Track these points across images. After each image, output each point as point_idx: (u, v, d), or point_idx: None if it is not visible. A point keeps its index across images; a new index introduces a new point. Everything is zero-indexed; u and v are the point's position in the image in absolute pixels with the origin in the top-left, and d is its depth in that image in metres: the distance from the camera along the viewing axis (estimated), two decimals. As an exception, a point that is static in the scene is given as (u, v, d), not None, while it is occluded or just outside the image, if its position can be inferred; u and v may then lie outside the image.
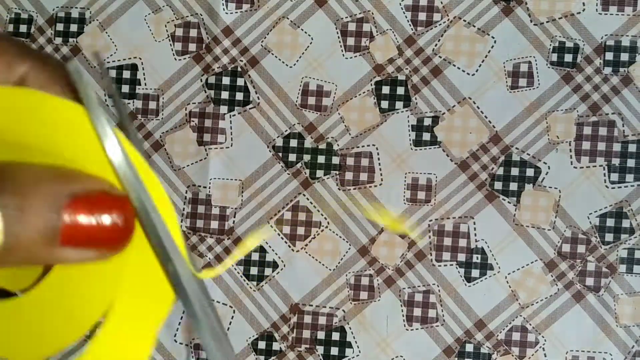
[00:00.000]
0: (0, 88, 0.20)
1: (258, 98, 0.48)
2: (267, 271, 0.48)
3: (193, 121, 0.48)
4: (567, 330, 0.47)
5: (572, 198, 0.47)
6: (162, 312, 0.21)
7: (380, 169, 0.48)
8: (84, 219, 0.19)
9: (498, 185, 0.47)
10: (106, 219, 0.19)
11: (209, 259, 0.48)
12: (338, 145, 0.48)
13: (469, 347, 0.47)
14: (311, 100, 0.48)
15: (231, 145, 0.48)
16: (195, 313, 0.21)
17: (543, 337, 0.47)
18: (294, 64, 0.48)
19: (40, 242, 0.19)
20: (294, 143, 0.48)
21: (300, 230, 0.48)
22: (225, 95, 0.48)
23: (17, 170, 0.19)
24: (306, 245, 0.48)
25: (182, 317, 0.49)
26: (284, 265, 0.48)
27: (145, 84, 0.49)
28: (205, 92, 0.48)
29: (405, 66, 0.48)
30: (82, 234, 0.19)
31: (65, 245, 0.19)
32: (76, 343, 0.21)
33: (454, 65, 0.47)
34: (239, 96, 0.48)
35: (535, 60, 0.47)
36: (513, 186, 0.47)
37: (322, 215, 0.48)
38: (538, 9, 0.47)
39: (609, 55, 0.47)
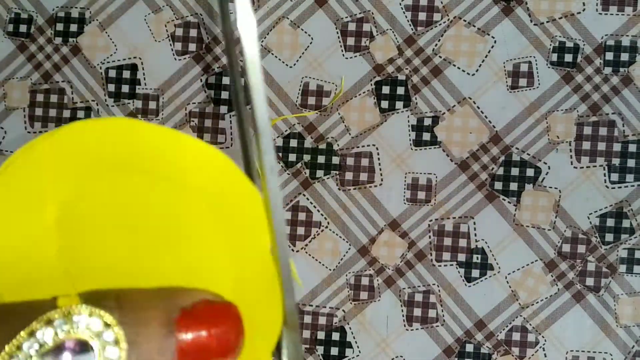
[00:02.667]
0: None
1: (258, 98, 0.48)
2: (267, 271, 0.48)
3: (193, 121, 0.48)
4: (567, 330, 0.46)
5: (572, 198, 0.47)
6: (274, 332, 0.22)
7: (380, 169, 0.47)
8: (195, 331, 0.19)
9: (498, 185, 0.47)
10: (218, 328, 0.20)
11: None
12: (338, 145, 0.48)
13: (469, 347, 0.47)
14: (311, 100, 0.48)
15: (231, 145, 0.48)
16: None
17: (543, 337, 0.47)
18: (294, 64, 0.48)
19: None
20: (294, 143, 0.48)
21: (300, 230, 0.48)
22: (225, 95, 0.48)
23: (129, 293, 0.19)
24: (306, 245, 0.48)
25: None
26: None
27: (145, 84, 0.49)
28: (205, 92, 0.48)
29: (405, 66, 0.48)
30: (196, 347, 0.19)
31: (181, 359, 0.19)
32: None
33: (454, 65, 0.47)
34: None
35: (536, 60, 0.47)
36: (513, 186, 0.47)
37: (322, 215, 0.48)
38: (538, 8, 0.47)
39: (609, 55, 0.47)
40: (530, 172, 0.47)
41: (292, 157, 0.48)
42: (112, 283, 0.20)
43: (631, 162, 0.46)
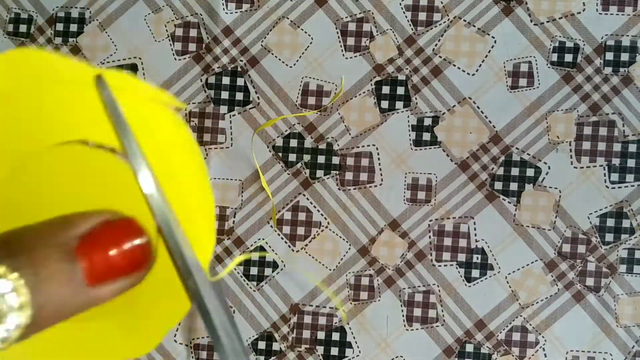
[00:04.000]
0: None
1: (258, 98, 0.48)
2: (267, 271, 0.48)
3: (193, 121, 0.48)
4: (567, 330, 0.46)
5: (572, 198, 0.47)
6: (172, 322, 0.22)
7: (380, 169, 0.47)
8: (99, 254, 0.19)
9: (498, 185, 0.47)
10: (121, 246, 0.20)
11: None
12: (338, 145, 0.48)
13: (469, 347, 0.47)
14: (311, 100, 0.48)
15: (231, 145, 0.48)
16: (216, 329, 0.21)
17: (543, 337, 0.47)
18: (294, 64, 0.48)
19: (70, 295, 0.19)
20: (294, 143, 0.48)
21: (300, 231, 0.48)
22: (225, 95, 0.48)
23: (19, 236, 0.19)
24: (306, 245, 0.48)
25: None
26: (284, 265, 0.48)
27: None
28: (205, 92, 0.48)
29: (405, 66, 0.48)
30: (103, 268, 0.19)
31: (93, 285, 0.19)
32: None
33: (454, 65, 0.47)
34: (239, 96, 0.48)
35: (536, 60, 0.47)
36: (513, 186, 0.47)
37: (322, 215, 0.48)
38: (538, 8, 0.47)
39: (609, 55, 0.47)
40: (530, 172, 0.47)
41: (292, 157, 0.48)
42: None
43: (631, 162, 0.46)
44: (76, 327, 0.21)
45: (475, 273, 0.47)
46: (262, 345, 0.48)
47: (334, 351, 0.47)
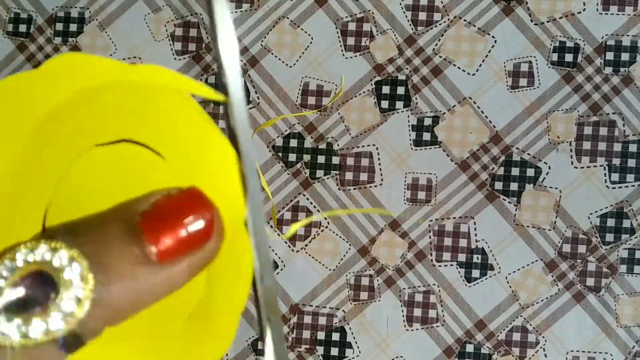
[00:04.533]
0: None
1: (258, 98, 0.48)
2: (267, 271, 0.48)
3: (193, 121, 0.48)
4: (567, 330, 0.46)
5: (572, 198, 0.47)
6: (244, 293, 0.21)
7: (380, 169, 0.47)
8: (164, 227, 0.19)
9: (498, 185, 0.47)
10: (186, 216, 0.19)
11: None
12: (338, 145, 0.48)
13: (470, 348, 0.47)
14: (311, 100, 0.48)
15: (231, 145, 0.48)
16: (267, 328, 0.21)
17: (543, 337, 0.46)
18: (294, 64, 0.48)
19: (142, 273, 0.18)
20: (294, 143, 0.48)
21: (300, 231, 0.48)
22: (225, 95, 0.48)
23: (83, 219, 0.19)
24: (306, 245, 0.48)
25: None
26: (284, 266, 0.48)
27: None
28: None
29: (405, 66, 0.47)
30: (172, 242, 0.19)
31: (164, 260, 0.18)
32: None
33: (454, 65, 0.47)
34: (239, 96, 0.48)
35: (536, 60, 0.47)
36: (513, 186, 0.47)
37: (322, 215, 0.48)
38: (538, 8, 0.47)
39: (610, 55, 0.47)
40: (530, 172, 0.47)
41: (292, 157, 0.48)
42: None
43: (631, 162, 0.46)
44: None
45: (475, 273, 0.47)
46: (262, 345, 0.48)
47: (334, 351, 0.47)
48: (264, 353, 0.22)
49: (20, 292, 0.17)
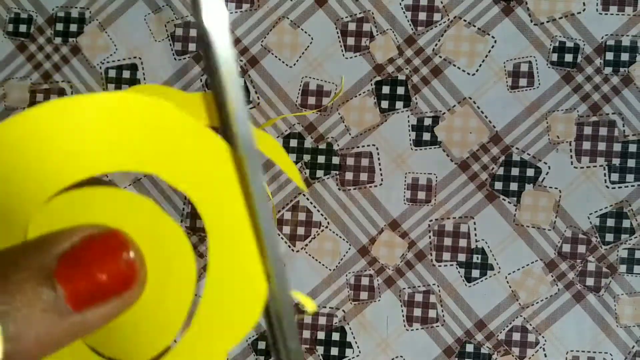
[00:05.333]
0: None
1: (258, 98, 0.48)
2: (267, 271, 0.48)
3: (193, 121, 0.48)
4: (567, 330, 0.46)
5: (572, 198, 0.47)
6: (241, 333, 0.20)
7: (380, 169, 0.47)
8: (81, 274, 0.17)
9: (498, 185, 0.47)
10: (106, 263, 0.18)
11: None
12: (338, 145, 0.48)
13: (469, 348, 0.47)
14: (311, 100, 0.48)
15: (231, 145, 0.48)
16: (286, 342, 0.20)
17: (543, 337, 0.46)
18: (294, 64, 0.48)
19: (53, 323, 0.17)
20: (294, 143, 0.48)
21: (300, 231, 0.48)
22: (225, 95, 0.48)
23: None
24: (306, 245, 0.48)
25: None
26: (284, 266, 0.48)
27: (145, 84, 0.49)
28: (206, 92, 0.48)
29: (405, 66, 0.47)
30: (89, 290, 0.17)
31: (79, 310, 0.17)
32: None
33: (454, 65, 0.47)
34: (239, 96, 0.48)
35: (536, 60, 0.47)
36: (513, 186, 0.47)
37: (322, 215, 0.48)
38: (538, 8, 0.47)
39: (609, 55, 0.47)
40: (530, 172, 0.47)
41: (292, 157, 0.48)
42: None
43: (631, 162, 0.46)
44: None
45: (475, 273, 0.47)
46: (262, 345, 0.48)
47: (334, 351, 0.47)
48: (264, 353, 0.21)
49: None
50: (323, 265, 0.48)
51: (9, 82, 0.49)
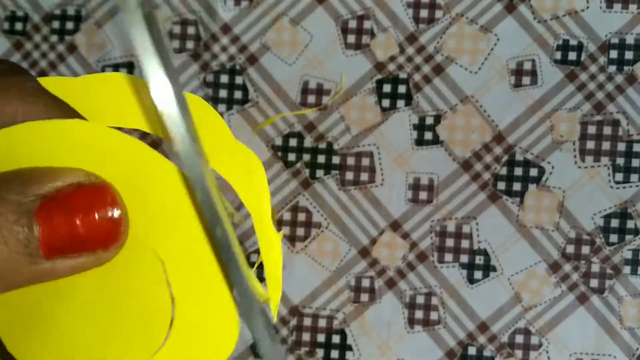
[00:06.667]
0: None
1: (257, 97, 0.48)
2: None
3: (191, 120, 0.48)
4: (571, 332, 0.46)
5: (576, 198, 0.46)
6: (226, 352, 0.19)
7: (381, 169, 0.47)
8: (62, 221, 0.17)
9: (501, 185, 0.47)
10: (90, 215, 0.17)
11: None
12: (338, 144, 0.47)
13: (472, 350, 0.46)
14: (311, 99, 0.48)
15: (230, 145, 0.48)
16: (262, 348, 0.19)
17: (547, 339, 0.46)
18: (294, 62, 0.48)
19: (19, 262, 0.16)
20: (293, 142, 0.48)
21: (300, 231, 0.47)
22: (223, 93, 0.48)
23: None
24: (306, 246, 0.47)
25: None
26: (283, 267, 0.47)
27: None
28: (203, 90, 0.48)
29: (406, 64, 0.47)
30: (65, 239, 0.17)
31: (50, 256, 0.17)
32: None
33: (456, 63, 0.47)
34: (238, 95, 0.48)
35: (539, 58, 0.47)
36: (516, 186, 0.47)
37: (322, 215, 0.47)
38: (541, 6, 0.47)
39: (614, 54, 0.46)
40: (533, 171, 0.46)
41: (291, 156, 0.48)
42: None
43: (636, 162, 0.46)
44: None
45: (477, 274, 0.47)
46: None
47: (334, 354, 0.47)
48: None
49: None
50: (323, 266, 0.47)
51: (4, 80, 0.49)
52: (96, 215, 0.17)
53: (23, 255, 0.16)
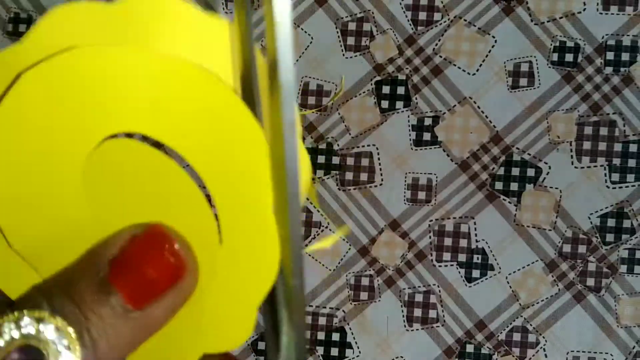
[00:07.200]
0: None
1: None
2: (267, 271, 0.48)
3: (192, 121, 0.48)
4: (567, 330, 0.46)
5: (572, 198, 0.47)
6: (264, 288, 0.20)
7: (380, 169, 0.47)
8: (133, 275, 0.18)
9: (499, 185, 0.47)
10: (154, 259, 0.19)
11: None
12: (338, 145, 0.48)
13: (470, 348, 0.47)
14: (311, 100, 0.48)
15: (231, 145, 0.48)
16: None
17: (544, 337, 0.46)
18: (294, 64, 0.48)
19: (120, 325, 0.18)
20: (293, 143, 0.48)
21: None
22: (224, 95, 0.48)
23: (56, 278, 0.18)
24: (306, 245, 0.47)
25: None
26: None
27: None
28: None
29: (405, 66, 0.47)
30: (144, 287, 0.18)
31: (140, 308, 0.18)
32: None
33: (455, 65, 0.47)
34: (239, 96, 0.48)
35: (536, 60, 0.47)
36: (514, 186, 0.47)
37: (322, 215, 0.48)
38: (539, 8, 0.47)
39: (610, 55, 0.47)
40: (530, 172, 0.47)
41: (292, 157, 0.48)
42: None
43: (632, 162, 0.46)
44: None
45: (475, 273, 0.47)
46: (262, 345, 0.48)
47: (334, 352, 0.47)
48: (264, 353, 0.21)
49: None
50: (323, 265, 0.47)
51: (8, 82, 0.49)
52: (159, 256, 0.19)
53: (116, 317, 0.18)
